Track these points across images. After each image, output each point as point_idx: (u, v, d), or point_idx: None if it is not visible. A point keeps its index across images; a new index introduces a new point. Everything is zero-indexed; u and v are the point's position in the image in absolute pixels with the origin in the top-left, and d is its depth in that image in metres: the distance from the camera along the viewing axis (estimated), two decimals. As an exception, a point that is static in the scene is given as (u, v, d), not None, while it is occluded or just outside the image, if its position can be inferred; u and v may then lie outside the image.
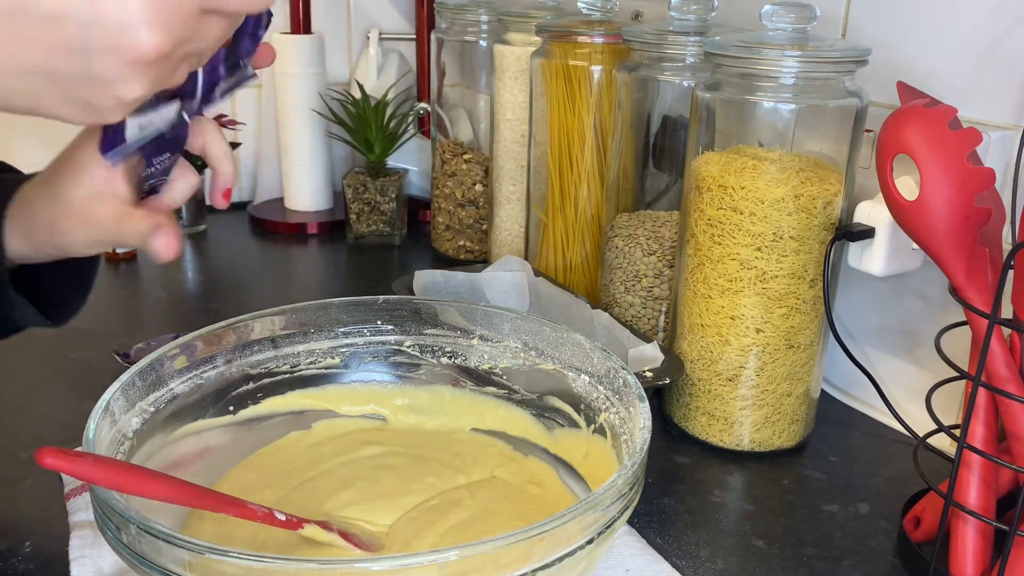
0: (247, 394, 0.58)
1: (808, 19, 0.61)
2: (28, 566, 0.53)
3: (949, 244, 0.48)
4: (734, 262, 0.62)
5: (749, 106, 0.63)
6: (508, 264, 0.86)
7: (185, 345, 0.54)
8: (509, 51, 0.92)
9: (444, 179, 1.08)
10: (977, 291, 0.49)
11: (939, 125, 0.48)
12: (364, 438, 0.60)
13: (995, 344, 0.48)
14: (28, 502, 0.59)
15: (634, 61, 0.76)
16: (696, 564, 0.55)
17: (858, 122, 0.62)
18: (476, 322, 0.61)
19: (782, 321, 0.63)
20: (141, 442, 0.50)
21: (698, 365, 0.67)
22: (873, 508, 0.61)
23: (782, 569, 0.55)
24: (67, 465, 0.37)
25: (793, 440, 0.67)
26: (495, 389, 0.62)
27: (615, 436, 0.52)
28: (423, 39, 1.24)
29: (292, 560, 0.36)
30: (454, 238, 1.08)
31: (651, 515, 0.59)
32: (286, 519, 0.46)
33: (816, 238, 0.62)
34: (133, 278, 1.02)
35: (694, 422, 0.68)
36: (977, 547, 0.51)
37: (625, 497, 0.42)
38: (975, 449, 0.49)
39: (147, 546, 0.38)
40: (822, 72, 0.60)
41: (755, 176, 0.61)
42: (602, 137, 0.83)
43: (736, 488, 0.64)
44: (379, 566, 0.35)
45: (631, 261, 0.76)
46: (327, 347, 0.61)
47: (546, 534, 0.38)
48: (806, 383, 0.66)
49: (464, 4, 1.04)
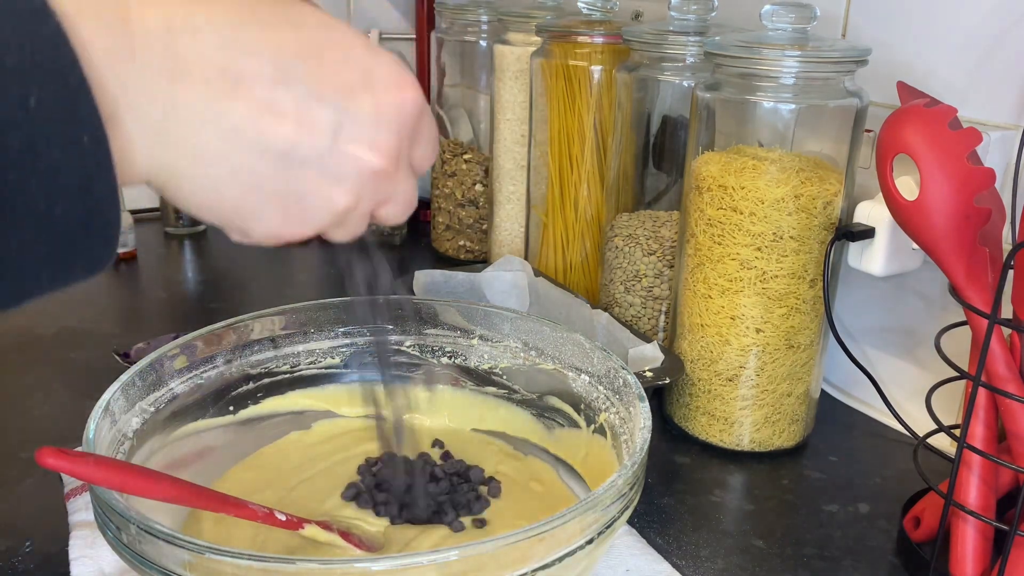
0: (247, 394, 0.58)
1: (808, 19, 0.61)
2: (28, 566, 0.53)
3: (949, 244, 0.48)
4: (734, 262, 0.62)
5: (749, 106, 0.63)
6: (508, 264, 0.86)
7: (185, 345, 0.54)
8: (509, 51, 0.92)
9: (444, 179, 1.08)
10: (977, 291, 0.49)
11: (939, 125, 0.48)
12: (364, 437, 0.60)
13: (995, 344, 0.48)
14: (28, 502, 0.59)
15: (634, 61, 0.76)
16: (696, 564, 0.55)
17: (858, 122, 0.62)
18: (476, 322, 0.61)
19: (782, 321, 0.63)
20: (141, 442, 0.50)
21: (698, 365, 0.67)
22: (873, 508, 0.61)
23: (782, 569, 0.55)
24: (67, 465, 0.37)
25: (793, 440, 0.67)
26: (495, 389, 0.62)
27: (615, 436, 0.52)
28: (423, 39, 1.24)
29: (292, 560, 0.36)
30: (454, 238, 1.08)
31: (651, 515, 0.59)
32: (286, 519, 0.46)
33: (816, 238, 0.62)
34: (133, 278, 1.02)
35: (694, 422, 0.68)
36: (977, 547, 0.51)
37: (625, 497, 0.42)
38: (975, 449, 0.49)
39: (147, 546, 0.38)
40: (822, 72, 0.60)
41: (755, 176, 0.61)
42: (602, 137, 0.83)
43: (736, 488, 0.64)
44: (379, 566, 0.35)
45: (631, 261, 0.76)
46: (327, 347, 0.61)
47: (546, 534, 0.38)
48: (806, 383, 0.66)
49: (464, 4, 1.04)
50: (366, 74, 0.33)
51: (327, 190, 0.33)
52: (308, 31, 0.32)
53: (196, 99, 0.29)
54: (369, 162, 0.33)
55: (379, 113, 0.33)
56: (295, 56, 0.31)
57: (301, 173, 0.32)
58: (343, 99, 0.32)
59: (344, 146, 0.32)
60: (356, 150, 0.33)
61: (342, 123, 0.32)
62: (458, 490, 0.54)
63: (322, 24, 0.32)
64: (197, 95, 0.29)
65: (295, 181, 0.32)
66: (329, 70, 0.32)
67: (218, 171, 0.31)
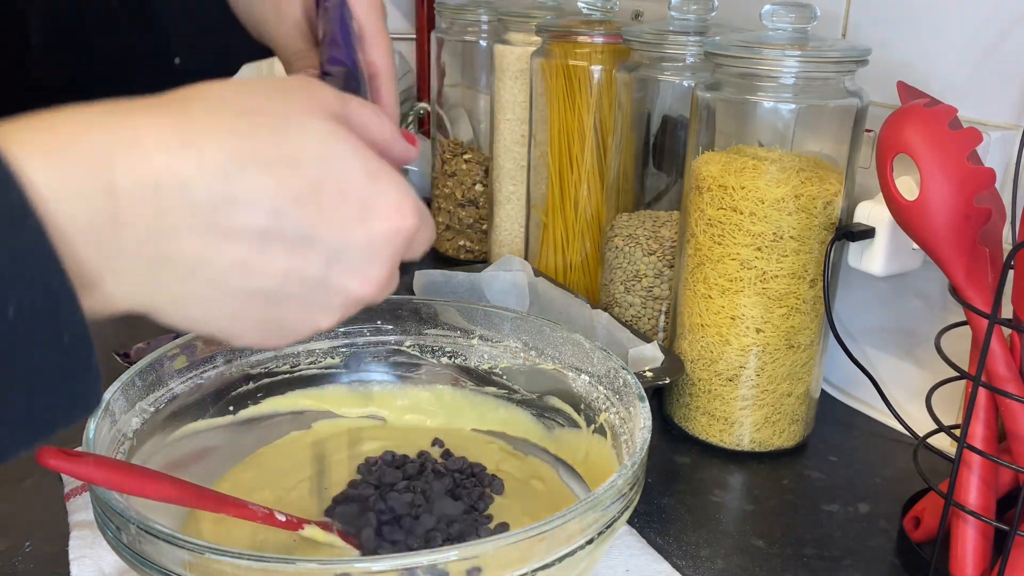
0: (247, 394, 0.58)
1: (808, 19, 0.61)
2: (28, 566, 0.53)
3: (949, 244, 0.48)
4: (734, 262, 0.62)
5: (749, 106, 0.63)
6: (508, 264, 0.86)
7: (185, 345, 0.54)
8: (509, 51, 0.92)
9: (444, 179, 1.08)
10: (977, 291, 0.49)
11: (939, 125, 0.48)
12: (364, 436, 0.60)
13: (995, 344, 0.48)
14: (28, 502, 0.59)
15: (634, 61, 0.76)
16: (696, 564, 0.55)
17: (858, 122, 0.62)
18: (476, 322, 0.61)
19: (782, 321, 0.63)
20: (141, 442, 0.50)
21: (698, 365, 0.67)
22: (873, 508, 0.61)
23: (782, 569, 0.55)
24: (67, 465, 0.37)
25: (793, 440, 0.67)
26: (495, 389, 0.62)
27: (615, 436, 0.52)
28: (423, 39, 1.24)
29: (292, 560, 0.36)
30: (454, 238, 1.08)
31: (651, 515, 0.59)
32: (286, 520, 0.46)
33: (816, 238, 0.62)
34: (133, 278, 1.02)
35: (694, 422, 0.68)
36: (977, 547, 0.51)
37: (625, 497, 0.42)
38: (975, 449, 0.49)
39: (147, 546, 0.38)
40: (822, 72, 0.60)
41: (755, 176, 0.61)
42: (602, 137, 0.83)
43: (736, 488, 0.64)
44: (379, 566, 0.35)
45: (631, 261, 0.76)
46: (327, 347, 0.61)
47: (546, 534, 0.38)
48: (806, 383, 0.66)
49: (464, 4, 1.04)
50: (363, 206, 0.31)
51: (312, 318, 0.33)
52: (306, 170, 0.30)
53: (183, 253, 0.28)
54: (358, 293, 0.33)
55: (373, 245, 0.32)
56: (291, 201, 0.29)
57: (287, 306, 0.31)
58: (337, 237, 0.31)
59: (333, 280, 0.32)
60: (346, 283, 0.32)
61: (333, 261, 0.31)
62: (462, 486, 0.54)
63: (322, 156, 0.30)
64: (184, 249, 0.28)
65: (280, 312, 0.31)
66: (325, 212, 0.30)
67: (201, 310, 0.30)
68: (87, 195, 0.26)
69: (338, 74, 0.41)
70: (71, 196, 0.25)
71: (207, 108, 0.29)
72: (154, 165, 0.27)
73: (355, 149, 0.31)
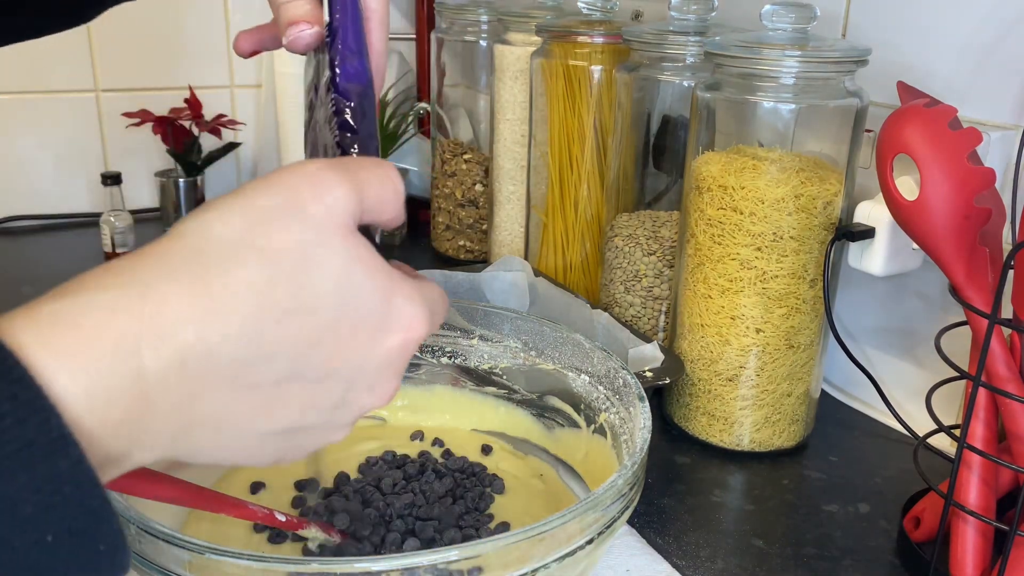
0: (247, 394, 0.58)
1: (808, 19, 0.61)
2: (28, 566, 0.52)
3: (949, 244, 0.48)
4: (734, 262, 0.62)
5: (749, 106, 0.63)
6: (508, 264, 0.86)
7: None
8: (509, 51, 0.92)
9: (444, 179, 1.08)
10: (977, 291, 0.49)
11: (939, 125, 0.48)
12: (363, 436, 0.60)
13: (995, 344, 0.48)
14: (28, 502, 0.59)
15: (634, 61, 0.76)
16: (696, 564, 0.55)
17: (858, 122, 0.62)
18: (476, 322, 0.61)
19: (782, 321, 0.63)
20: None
21: (698, 365, 0.67)
22: (873, 508, 0.61)
23: (782, 569, 0.55)
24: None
25: (793, 440, 0.67)
26: (495, 389, 0.62)
27: (615, 436, 0.52)
28: (423, 39, 1.24)
29: (292, 560, 0.36)
30: (454, 238, 1.08)
31: (651, 515, 0.59)
32: (286, 519, 0.46)
33: (816, 238, 0.62)
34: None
35: (694, 422, 0.68)
36: (977, 547, 0.51)
37: (625, 497, 0.42)
38: (975, 449, 0.49)
39: (147, 546, 0.38)
40: (822, 72, 0.60)
41: (755, 176, 0.61)
42: (602, 137, 0.83)
43: (736, 488, 0.64)
44: (379, 566, 0.35)
45: (631, 261, 0.76)
46: (327, 347, 0.61)
47: (546, 534, 0.38)
48: (806, 383, 0.66)
49: (464, 4, 1.04)
50: (379, 328, 0.32)
51: (327, 436, 0.33)
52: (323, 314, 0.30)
53: (208, 414, 0.28)
54: (371, 406, 0.33)
55: (388, 359, 0.32)
56: (311, 346, 0.30)
57: (305, 433, 0.32)
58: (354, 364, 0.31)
59: (350, 401, 0.32)
60: (362, 401, 0.33)
61: (350, 387, 0.32)
62: (462, 486, 0.54)
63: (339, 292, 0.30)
64: (209, 410, 0.28)
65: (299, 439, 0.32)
66: (342, 345, 0.31)
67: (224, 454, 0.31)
68: (118, 390, 0.26)
69: (354, 93, 0.40)
70: (102, 398, 0.25)
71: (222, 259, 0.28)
72: (179, 344, 0.27)
73: (369, 273, 0.31)
